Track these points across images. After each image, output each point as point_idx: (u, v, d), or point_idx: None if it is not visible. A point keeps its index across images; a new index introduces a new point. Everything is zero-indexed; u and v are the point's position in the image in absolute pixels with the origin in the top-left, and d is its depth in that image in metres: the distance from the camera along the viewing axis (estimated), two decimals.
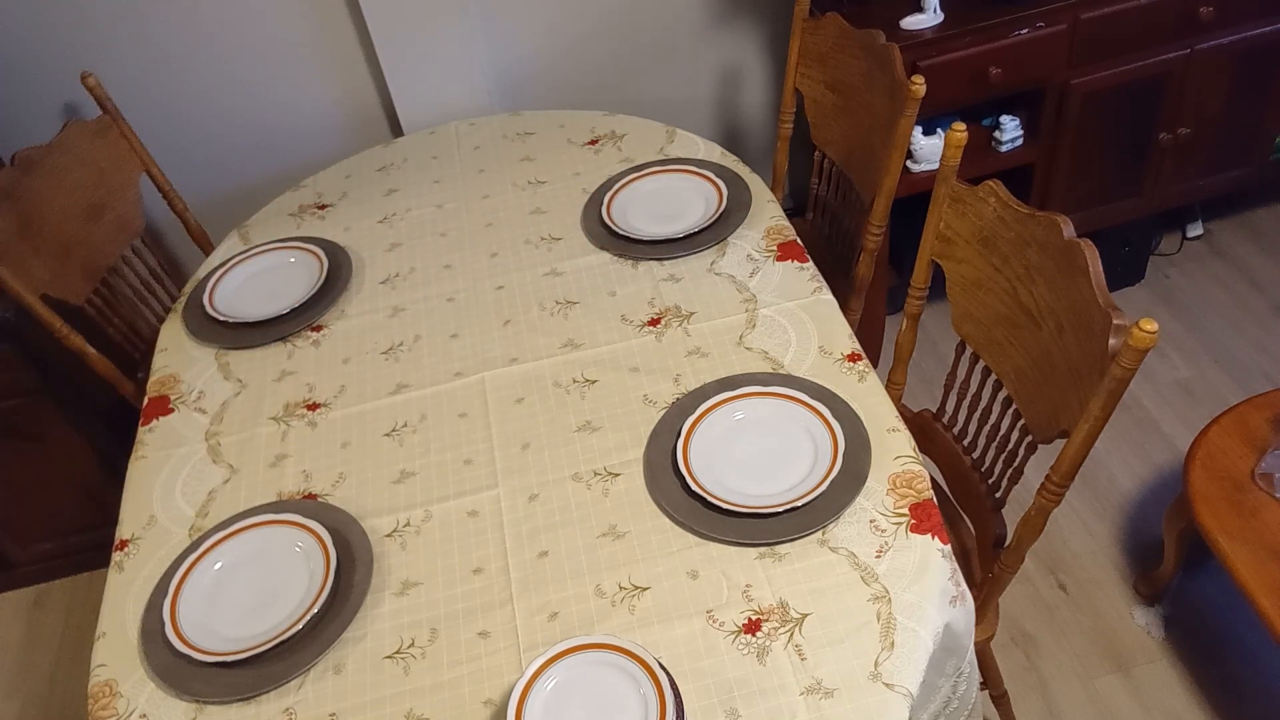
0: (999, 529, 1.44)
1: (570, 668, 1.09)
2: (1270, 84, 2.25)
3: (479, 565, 1.25)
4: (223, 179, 2.38)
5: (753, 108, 2.60)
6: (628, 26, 2.37)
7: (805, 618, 1.12)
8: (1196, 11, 2.07)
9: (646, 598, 1.18)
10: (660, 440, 1.34)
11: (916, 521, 1.20)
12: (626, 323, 1.55)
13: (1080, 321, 1.20)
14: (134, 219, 2.00)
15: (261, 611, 1.23)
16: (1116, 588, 1.97)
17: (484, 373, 1.51)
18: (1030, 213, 1.29)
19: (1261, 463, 1.66)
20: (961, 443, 1.55)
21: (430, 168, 2.00)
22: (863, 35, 1.75)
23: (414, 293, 1.69)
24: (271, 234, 1.88)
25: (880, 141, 1.70)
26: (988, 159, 2.23)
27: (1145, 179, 2.34)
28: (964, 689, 1.22)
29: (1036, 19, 2.02)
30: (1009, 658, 1.88)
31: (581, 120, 2.05)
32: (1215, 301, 2.50)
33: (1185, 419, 2.23)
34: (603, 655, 1.09)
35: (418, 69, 2.20)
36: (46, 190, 1.82)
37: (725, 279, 1.59)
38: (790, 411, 1.34)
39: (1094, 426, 1.16)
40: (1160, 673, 1.83)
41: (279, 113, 2.32)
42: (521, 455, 1.38)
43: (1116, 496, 2.12)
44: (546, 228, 1.78)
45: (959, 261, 1.45)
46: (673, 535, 1.24)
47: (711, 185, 1.77)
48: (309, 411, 1.50)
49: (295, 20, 2.20)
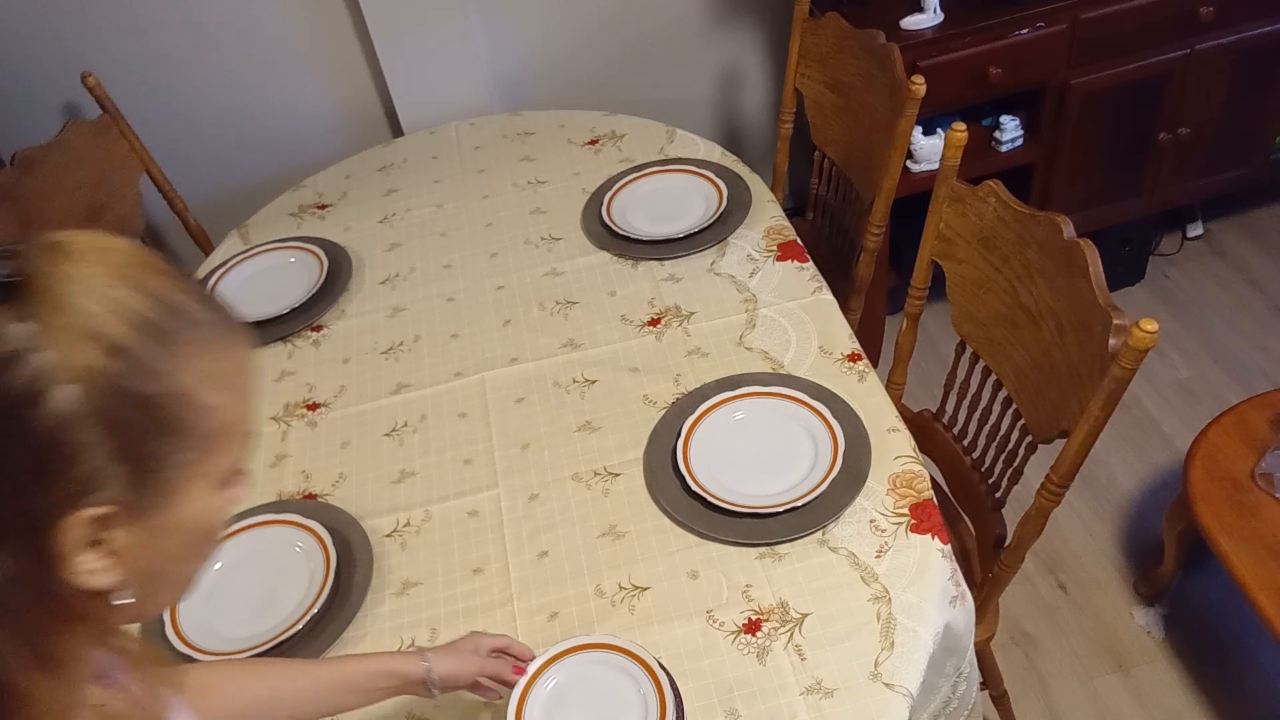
0: (999, 529, 1.44)
1: (570, 668, 1.09)
2: (1270, 84, 2.25)
3: (479, 565, 1.25)
4: (223, 179, 2.38)
5: (753, 108, 2.60)
6: (628, 27, 2.37)
7: (805, 618, 1.12)
8: (1196, 11, 2.07)
9: (646, 598, 1.18)
10: (660, 440, 1.34)
11: (916, 521, 1.20)
12: (626, 323, 1.55)
13: (1080, 321, 1.20)
14: (134, 219, 2.00)
15: (261, 611, 1.23)
16: (1116, 588, 1.97)
17: (484, 373, 1.51)
18: (1030, 213, 1.29)
19: (1261, 463, 1.66)
20: (961, 443, 1.55)
21: (430, 168, 2.00)
22: (863, 35, 1.75)
23: (414, 293, 1.69)
24: (271, 234, 1.88)
25: (880, 141, 1.70)
26: (988, 159, 2.23)
27: (1145, 179, 2.34)
28: (964, 689, 1.22)
29: (1036, 19, 2.02)
30: (1009, 658, 1.88)
31: (581, 120, 2.05)
32: (1215, 301, 2.50)
33: (1185, 419, 2.23)
34: (603, 655, 1.09)
35: (418, 69, 2.20)
36: (46, 190, 1.82)
37: (725, 279, 1.59)
38: (790, 411, 1.34)
39: (1094, 426, 1.16)
40: (1160, 673, 1.83)
41: (279, 113, 2.32)
42: (521, 455, 1.38)
43: (1116, 496, 2.12)
44: (546, 228, 1.78)
45: (959, 261, 1.45)
46: (673, 535, 1.24)
47: (711, 185, 1.77)
48: (309, 411, 1.50)
49: (295, 20, 2.20)
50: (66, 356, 0.54)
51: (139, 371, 0.56)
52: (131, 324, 0.56)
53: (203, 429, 0.60)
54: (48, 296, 0.55)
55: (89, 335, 0.55)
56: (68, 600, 0.57)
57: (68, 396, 0.54)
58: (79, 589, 0.57)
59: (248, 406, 0.64)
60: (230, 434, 0.62)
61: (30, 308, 0.54)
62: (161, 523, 0.60)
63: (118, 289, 0.57)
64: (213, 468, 0.62)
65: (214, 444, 0.61)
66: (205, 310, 0.61)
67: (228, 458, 0.63)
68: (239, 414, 0.63)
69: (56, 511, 0.55)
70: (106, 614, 0.60)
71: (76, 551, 0.56)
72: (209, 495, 0.62)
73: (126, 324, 0.56)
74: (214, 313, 0.62)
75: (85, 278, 0.56)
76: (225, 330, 0.62)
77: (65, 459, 0.54)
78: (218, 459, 0.62)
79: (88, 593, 0.58)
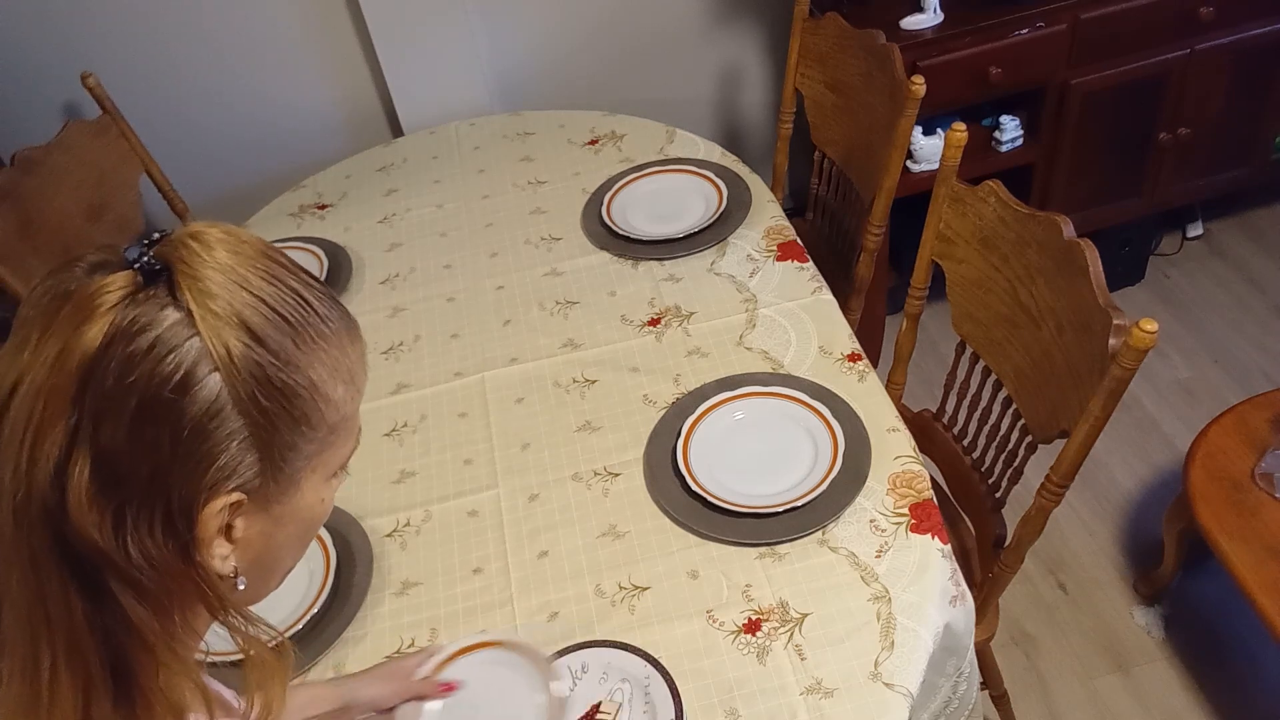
0: (999, 529, 1.44)
1: (470, 668, 1.06)
2: (1270, 84, 2.25)
3: (479, 565, 1.25)
4: (223, 179, 2.38)
5: (753, 108, 2.60)
6: (628, 26, 2.37)
7: (805, 618, 1.12)
8: (1196, 11, 2.07)
9: (646, 598, 1.18)
10: (660, 440, 1.34)
11: (916, 521, 1.20)
12: (626, 323, 1.55)
13: (1080, 321, 1.20)
14: (134, 219, 2.00)
15: (261, 612, 1.22)
16: (1116, 588, 1.97)
17: (484, 373, 1.51)
18: (1030, 213, 1.29)
19: (1261, 463, 1.66)
20: (961, 443, 1.55)
21: (430, 168, 2.00)
22: (863, 35, 1.75)
23: (414, 293, 1.69)
24: (271, 234, 1.87)
25: (880, 141, 1.70)
26: (988, 159, 2.23)
27: (1145, 179, 2.34)
28: (964, 689, 1.22)
29: (1036, 19, 2.02)
30: (1009, 658, 1.88)
31: (581, 120, 2.05)
32: (1215, 301, 2.50)
33: (1185, 419, 2.23)
34: (498, 654, 1.07)
35: (418, 69, 2.20)
36: (46, 190, 1.82)
37: (725, 279, 1.59)
38: (790, 411, 1.34)
39: (1094, 426, 1.16)
40: (1160, 673, 1.83)
41: (279, 113, 2.32)
42: (521, 455, 1.38)
43: (1116, 496, 2.12)
44: (546, 228, 1.78)
45: (959, 261, 1.45)
46: (673, 535, 1.24)
47: (711, 185, 1.77)
48: None
49: (295, 20, 2.20)
50: (214, 344, 0.55)
51: (278, 361, 0.57)
52: (270, 315, 0.58)
53: (327, 421, 0.61)
54: (195, 285, 0.56)
55: (234, 323, 0.56)
56: (201, 582, 0.59)
57: (215, 383, 0.55)
58: (211, 572, 0.60)
59: (359, 401, 0.66)
60: (348, 428, 0.64)
61: (179, 295, 0.55)
62: (281, 511, 0.62)
63: (256, 280, 0.58)
64: (330, 460, 0.64)
65: (334, 437, 0.63)
66: (329, 306, 0.62)
67: (344, 451, 0.65)
68: (354, 409, 0.65)
69: (203, 498, 0.57)
70: (228, 595, 0.62)
71: (213, 536, 0.58)
72: (322, 487, 0.64)
73: (265, 314, 0.57)
74: (336, 308, 0.63)
75: (228, 268, 0.57)
76: (345, 327, 0.64)
77: (212, 446, 0.56)
78: (335, 452, 0.64)
79: (216, 576, 0.60)
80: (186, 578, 0.59)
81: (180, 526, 0.57)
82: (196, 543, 0.58)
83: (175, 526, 0.57)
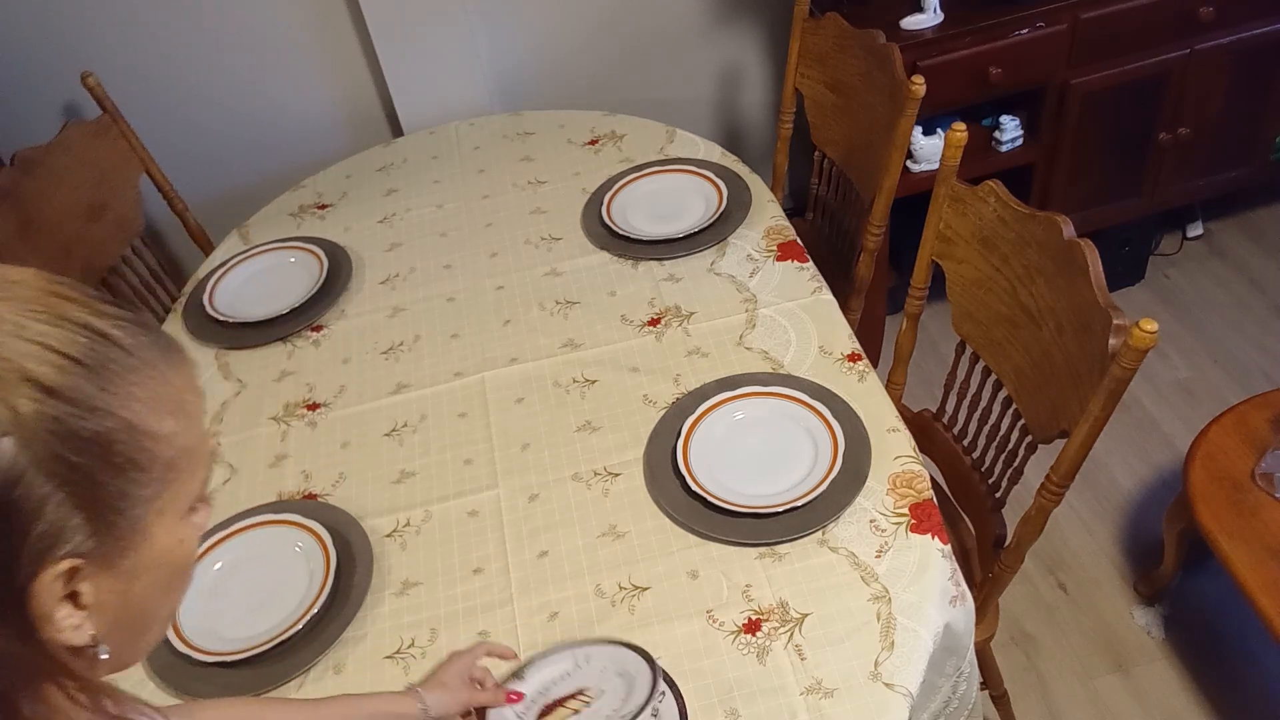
0: (999, 529, 1.44)
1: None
2: (1270, 84, 2.25)
3: (479, 565, 1.25)
4: (223, 179, 2.38)
5: (753, 108, 2.60)
6: (628, 26, 2.37)
7: (805, 618, 1.12)
8: (1196, 11, 2.07)
9: (646, 598, 1.18)
10: (660, 440, 1.34)
11: (916, 521, 1.20)
12: (626, 323, 1.55)
13: (1080, 321, 1.20)
14: (134, 219, 1.99)
15: (261, 611, 1.23)
16: (1116, 588, 1.97)
17: (484, 373, 1.51)
18: (1030, 213, 1.29)
19: (1261, 463, 1.66)
20: (961, 443, 1.55)
21: (430, 168, 2.00)
22: (863, 35, 1.75)
23: (414, 293, 1.69)
24: (271, 234, 1.88)
25: (880, 141, 1.70)
26: (988, 159, 2.23)
27: (1145, 179, 2.34)
28: (964, 689, 1.22)
29: (1036, 19, 2.02)
30: (1009, 658, 1.88)
31: (581, 120, 2.05)
32: (1215, 301, 2.50)
33: (1185, 419, 2.23)
34: None
35: (418, 69, 2.20)
36: (46, 190, 1.82)
37: (725, 279, 1.59)
38: (790, 411, 1.34)
39: (1094, 426, 1.16)
40: (1160, 673, 1.83)
41: (279, 113, 2.32)
42: (521, 455, 1.38)
43: (1116, 496, 2.12)
44: (546, 228, 1.78)
45: (959, 261, 1.45)
46: (673, 535, 1.24)
47: (711, 185, 1.77)
48: (309, 411, 1.50)
49: (295, 20, 2.20)
50: None
51: (78, 410, 0.52)
52: (59, 360, 0.52)
53: (161, 460, 0.56)
54: None
55: (15, 379, 0.50)
56: (52, 660, 0.54)
57: (8, 450, 0.49)
58: (61, 646, 0.54)
59: (201, 428, 0.60)
60: (189, 460, 0.58)
61: None
62: (133, 565, 0.56)
63: (36, 325, 0.52)
64: (176, 498, 0.58)
65: (173, 474, 0.57)
66: (133, 334, 0.56)
67: (191, 485, 0.59)
68: (194, 438, 0.58)
69: (28, 573, 0.51)
70: (90, 669, 0.57)
71: (53, 609, 0.53)
72: (177, 527, 0.58)
73: (53, 361, 0.52)
74: (144, 335, 0.57)
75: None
76: (160, 353, 0.57)
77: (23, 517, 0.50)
78: (180, 488, 0.58)
79: (70, 649, 0.55)
80: (32, 662, 0.53)
81: (9, 609, 0.51)
82: (35, 621, 0.52)
83: (13, 608, 0.51)
